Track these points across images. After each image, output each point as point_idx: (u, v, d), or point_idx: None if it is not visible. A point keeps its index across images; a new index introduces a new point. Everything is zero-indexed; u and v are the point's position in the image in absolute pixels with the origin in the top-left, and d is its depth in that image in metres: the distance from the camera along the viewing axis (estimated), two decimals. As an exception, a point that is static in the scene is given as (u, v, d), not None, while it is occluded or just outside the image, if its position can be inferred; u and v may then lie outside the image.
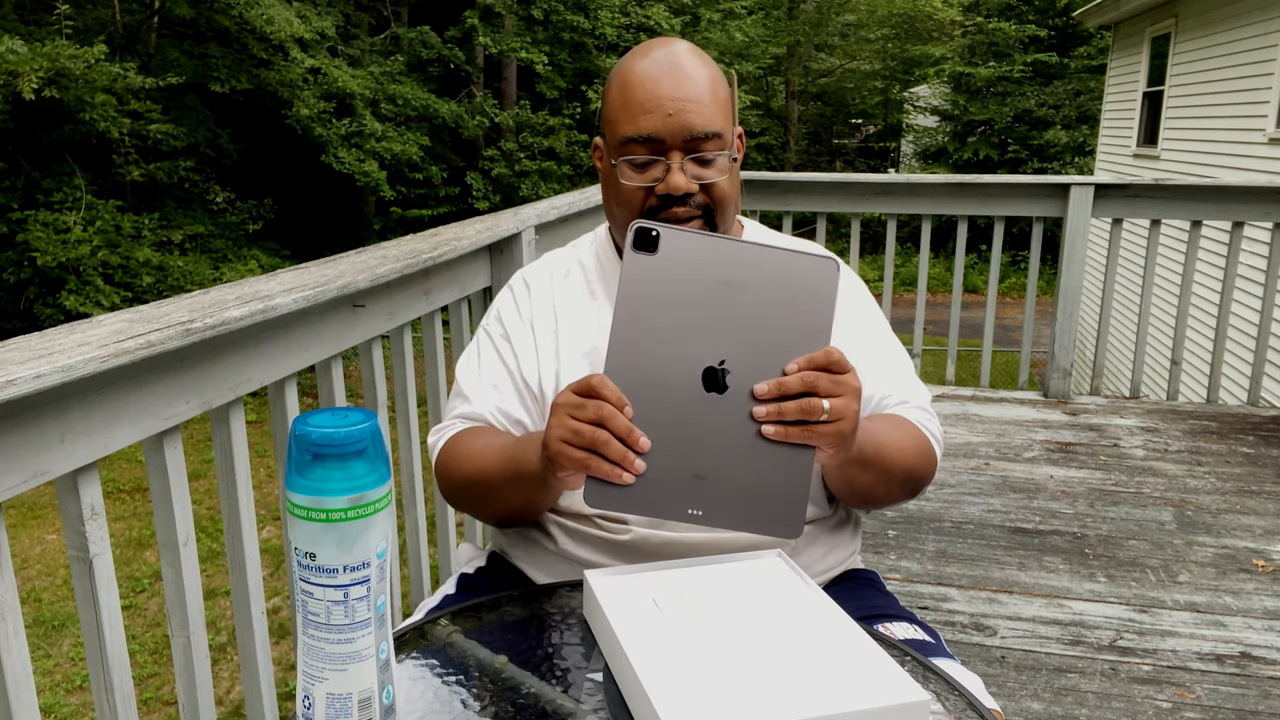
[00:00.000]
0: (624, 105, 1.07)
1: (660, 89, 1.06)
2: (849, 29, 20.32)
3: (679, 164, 1.06)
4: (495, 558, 1.25)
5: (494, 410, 1.16)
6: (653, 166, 1.07)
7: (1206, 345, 6.28)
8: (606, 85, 1.12)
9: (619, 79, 1.09)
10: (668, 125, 1.05)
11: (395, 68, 13.57)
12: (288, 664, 4.42)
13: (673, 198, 1.06)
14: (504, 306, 1.23)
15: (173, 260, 10.73)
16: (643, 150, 1.06)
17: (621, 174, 1.08)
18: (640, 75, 1.07)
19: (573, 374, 1.13)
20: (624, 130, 1.07)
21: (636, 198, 1.08)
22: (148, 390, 1.15)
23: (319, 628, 0.68)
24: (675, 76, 1.06)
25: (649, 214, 1.08)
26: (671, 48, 1.09)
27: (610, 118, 1.10)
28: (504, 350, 1.19)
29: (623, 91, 1.08)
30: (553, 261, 1.26)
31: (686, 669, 0.78)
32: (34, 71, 8.66)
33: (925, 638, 1.14)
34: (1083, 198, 3.76)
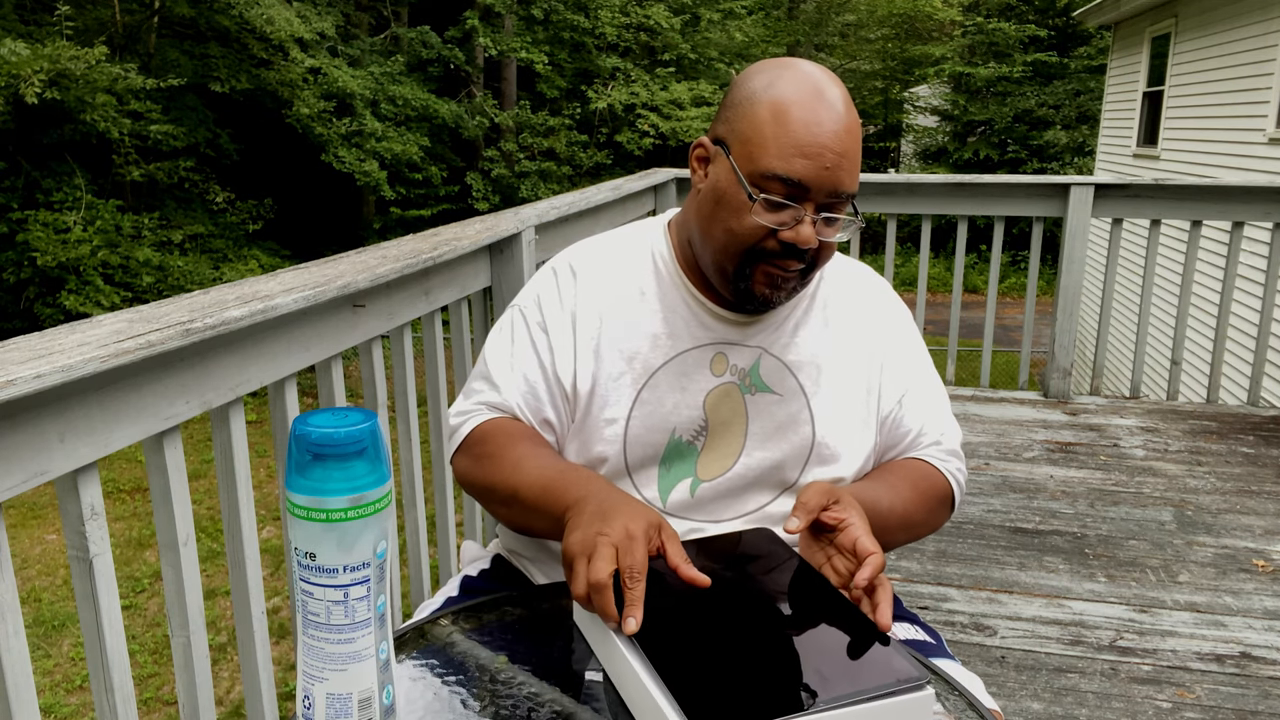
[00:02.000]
0: (778, 137, 0.99)
1: (823, 135, 0.99)
2: (849, 29, 20.32)
3: (812, 217, 1.00)
4: (500, 560, 1.24)
5: (522, 405, 1.12)
6: (784, 209, 1.00)
7: (1206, 345, 6.27)
8: (746, 97, 1.03)
9: (775, 102, 1.00)
10: (820, 177, 0.99)
11: (395, 68, 13.57)
12: (288, 664, 4.42)
13: (795, 249, 1.01)
14: (546, 292, 1.16)
15: (173, 260, 10.73)
16: (783, 192, 0.99)
17: (754, 208, 1.00)
18: (805, 111, 0.99)
19: (610, 377, 1.10)
20: (771, 164, 0.99)
21: (756, 235, 1.01)
22: (148, 390, 1.15)
23: (319, 628, 0.68)
24: (840, 125, 1.00)
25: (761, 255, 1.02)
26: (832, 88, 1.02)
27: (753, 140, 1.00)
28: (540, 342, 1.13)
29: (780, 120, 0.99)
30: (605, 251, 1.18)
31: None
32: (35, 74, 8.66)
33: (926, 638, 1.14)
34: (1083, 198, 3.76)
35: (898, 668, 0.78)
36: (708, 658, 0.79)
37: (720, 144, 1.05)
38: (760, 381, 1.12)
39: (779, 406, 1.12)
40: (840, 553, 0.93)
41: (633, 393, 1.10)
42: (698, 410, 1.11)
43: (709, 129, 1.10)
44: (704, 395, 1.11)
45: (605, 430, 1.10)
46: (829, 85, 1.02)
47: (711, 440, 1.11)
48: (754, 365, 1.12)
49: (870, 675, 0.76)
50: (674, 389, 1.10)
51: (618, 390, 1.10)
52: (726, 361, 1.12)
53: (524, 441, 1.09)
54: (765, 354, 1.12)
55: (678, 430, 1.10)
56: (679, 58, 16.59)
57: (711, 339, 1.12)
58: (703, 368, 1.11)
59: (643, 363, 1.11)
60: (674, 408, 1.10)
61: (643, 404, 1.10)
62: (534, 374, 1.12)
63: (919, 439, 1.16)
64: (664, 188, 3.93)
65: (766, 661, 0.79)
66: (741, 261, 1.03)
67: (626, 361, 1.11)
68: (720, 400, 1.11)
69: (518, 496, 1.05)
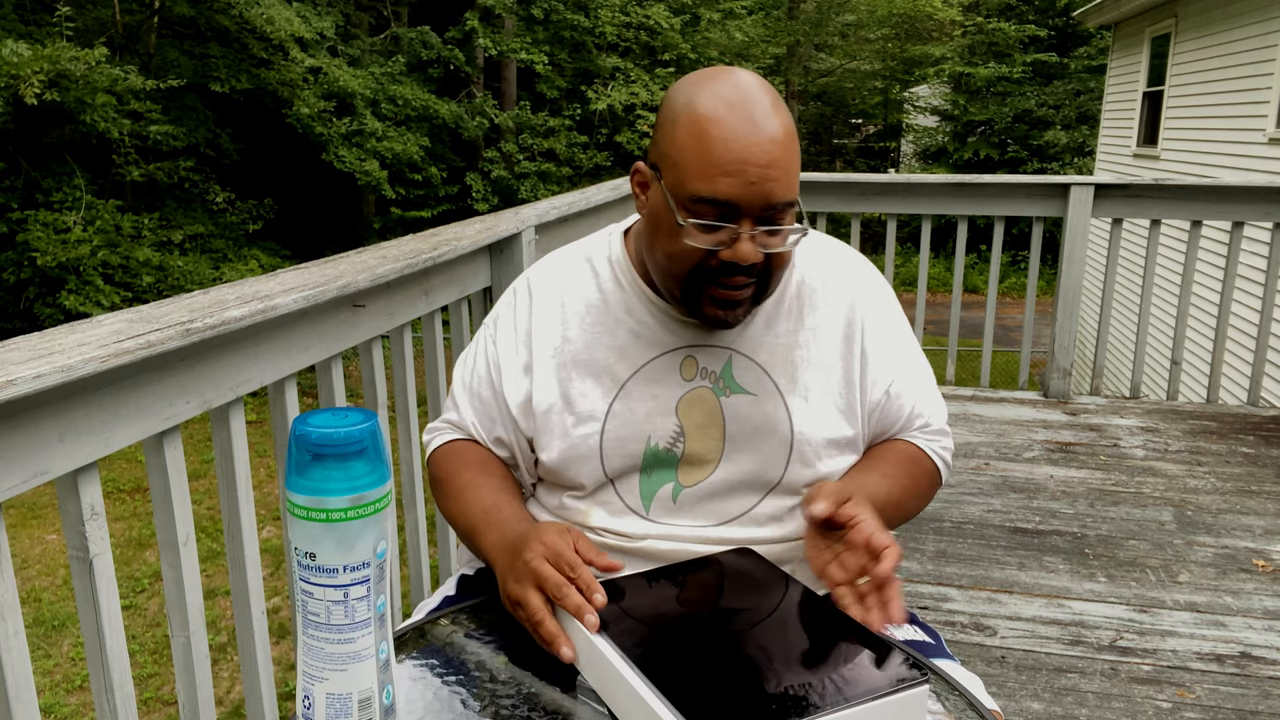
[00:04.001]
0: (699, 159, 0.95)
1: (745, 150, 0.94)
2: (849, 29, 20.31)
3: (749, 233, 0.97)
4: None
5: (475, 425, 1.17)
6: (719, 230, 0.97)
7: (1206, 345, 6.28)
8: (670, 118, 1.00)
9: (693, 122, 0.96)
10: (748, 193, 0.95)
11: (395, 68, 13.57)
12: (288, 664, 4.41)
13: (737, 267, 0.98)
14: (504, 313, 1.18)
15: (173, 260, 10.72)
16: (713, 213, 0.96)
17: (686, 233, 0.98)
18: (722, 128, 0.95)
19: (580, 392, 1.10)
20: (696, 187, 0.96)
21: (694, 258, 0.99)
22: (148, 390, 1.15)
23: (319, 628, 0.69)
24: (761, 136, 0.95)
25: (705, 276, 1.00)
26: (753, 94, 0.97)
27: (678, 163, 0.97)
28: (492, 362, 1.16)
29: (699, 141, 0.96)
30: (563, 267, 1.17)
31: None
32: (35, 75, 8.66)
33: (925, 639, 1.14)
34: (1083, 198, 3.76)
35: (893, 669, 0.78)
36: (703, 671, 0.79)
37: (654, 167, 1.02)
38: (734, 383, 1.10)
39: (755, 407, 1.10)
40: (850, 549, 0.93)
41: (605, 404, 1.09)
42: (670, 417, 1.09)
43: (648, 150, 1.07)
44: (675, 401, 1.09)
45: (581, 445, 1.09)
46: (753, 93, 0.97)
47: (690, 446, 1.10)
48: (725, 366, 1.10)
49: (867, 678, 0.77)
50: (645, 398, 1.09)
51: (588, 403, 1.09)
52: (696, 365, 1.10)
53: (467, 469, 1.14)
54: (736, 354, 1.10)
55: (653, 438, 1.09)
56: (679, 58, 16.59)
57: (678, 343, 1.10)
58: (672, 373, 1.10)
59: (611, 375, 1.10)
60: (647, 416, 1.09)
61: (615, 415, 1.09)
62: (486, 392, 1.15)
63: (910, 421, 1.17)
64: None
65: (763, 671, 0.79)
66: (687, 284, 1.01)
67: (595, 376, 1.10)
68: (693, 405, 1.10)
69: (457, 525, 1.12)
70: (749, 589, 0.92)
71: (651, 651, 0.79)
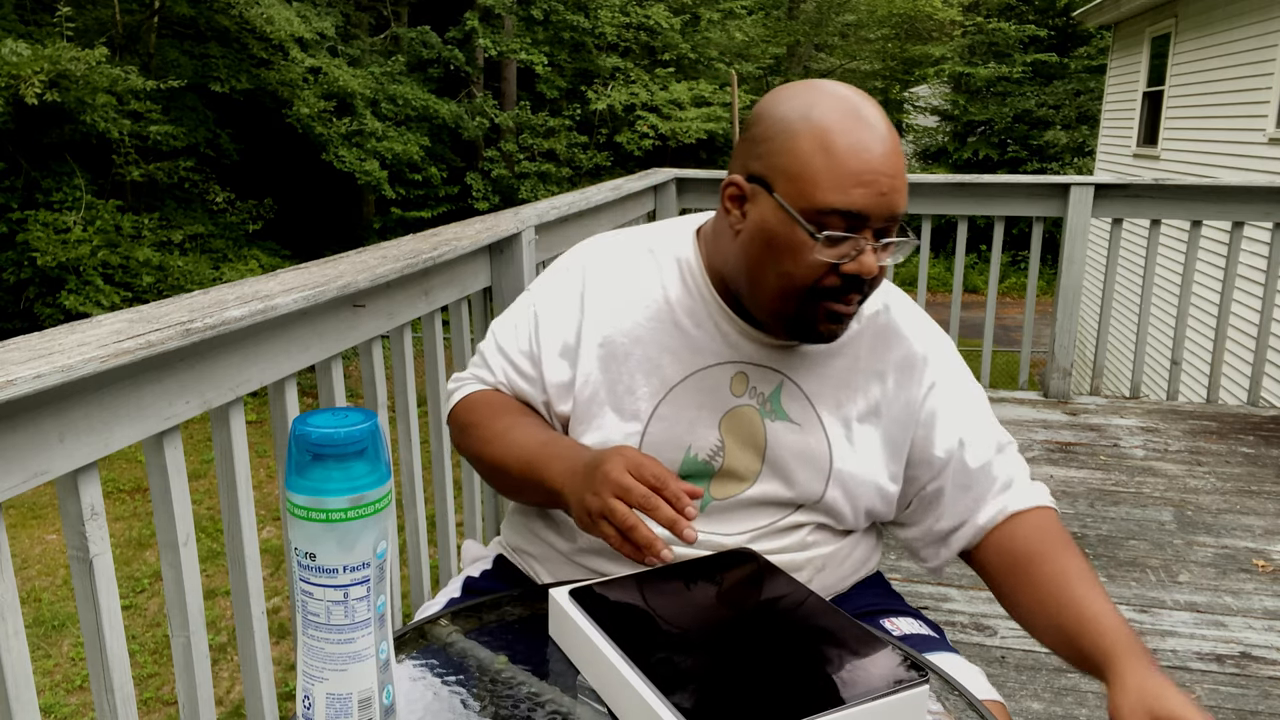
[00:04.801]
0: (831, 170, 0.93)
1: (875, 160, 0.94)
2: (849, 29, 20.31)
3: (872, 245, 0.96)
4: (502, 560, 1.24)
5: (505, 386, 1.15)
6: (843, 242, 0.95)
7: (1206, 345, 6.27)
8: (783, 130, 0.97)
9: (818, 134, 0.95)
10: (878, 204, 0.94)
11: (395, 68, 13.58)
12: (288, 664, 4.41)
13: (858, 280, 0.97)
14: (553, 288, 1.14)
15: (173, 260, 10.73)
16: (842, 225, 0.94)
17: (815, 247, 0.95)
18: (851, 139, 0.94)
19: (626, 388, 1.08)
20: (829, 199, 0.93)
21: (817, 274, 0.96)
22: (148, 390, 1.15)
23: (319, 628, 0.68)
24: (887, 146, 0.95)
25: (822, 293, 0.97)
26: (867, 106, 0.97)
27: (802, 175, 0.95)
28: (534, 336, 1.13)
29: (828, 152, 0.94)
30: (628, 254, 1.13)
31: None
32: (36, 75, 8.66)
33: (929, 633, 1.14)
34: (1083, 198, 3.76)
35: (893, 669, 0.78)
36: (703, 671, 0.79)
37: (758, 181, 0.99)
38: (780, 409, 1.08)
39: (797, 436, 1.08)
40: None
41: (650, 406, 1.07)
42: (714, 430, 1.08)
43: (735, 165, 1.03)
44: (721, 415, 1.08)
45: (619, 441, 1.07)
46: (866, 105, 0.97)
47: (728, 461, 1.08)
48: (775, 391, 1.08)
49: (867, 678, 0.77)
50: (691, 405, 1.07)
51: (633, 400, 1.08)
52: (747, 382, 1.08)
53: (509, 413, 1.12)
54: (787, 380, 1.09)
55: (693, 448, 1.08)
56: (679, 58, 16.60)
57: (734, 357, 1.08)
58: (722, 386, 1.08)
59: (661, 376, 1.08)
60: (690, 426, 1.07)
61: (660, 419, 1.07)
62: (524, 364, 1.14)
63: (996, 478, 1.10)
64: (664, 188, 3.93)
65: (762, 672, 0.79)
66: (802, 302, 0.98)
67: (644, 374, 1.08)
68: (738, 422, 1.08)
69: (504, 467, 1.09)
70: (749, 589, 0.92)
71: (651, 651, 0.79)
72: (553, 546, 1.15)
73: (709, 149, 16.76)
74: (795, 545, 1.09)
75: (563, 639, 0.89)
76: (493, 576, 1.21)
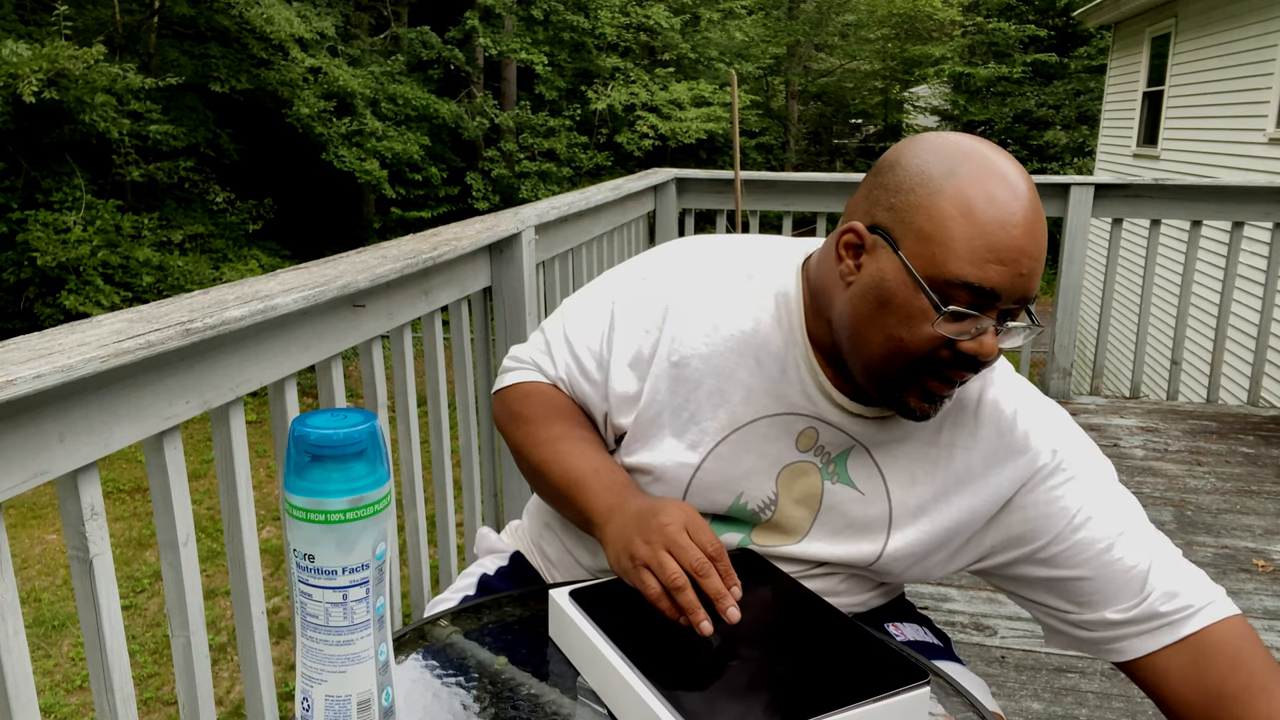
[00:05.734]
0: (971, 238, 0.85)
1: (1021, 238, 0.85)
2: (849, 29, 20.32)
3: (996, 326, 0.88)
4: (519, 559, 1.22)
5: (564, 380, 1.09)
6: (966, 319, 0.87)
7: (1206, 345, 6.28)
8: (921, 184, 0.88)
9: (964, 197, 0.86)
10: (1013, 285, 0.86)
11: (395, 68, 13.58)
12: (288, 664, 4.42)
13: (974, 361, 0.88)
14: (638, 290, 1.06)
15: (173, 260, 10.73)
16: (968, 300, 0.86)
17: (936, 319, 0.87)
18: (998, 208, 0.85)
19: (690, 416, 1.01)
20: (962, 271, 0.85)
21: (930, 346, 0.88)
22: (148, 390, 1.15)
23: (318, 629, 0.68)
24: (1033, 225, 0.86)
25: (930, 367, 0.89)
26: (1019, 177, 0.88)
27: (937, 238, 0.86)
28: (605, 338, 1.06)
29: (970, 217, 0.85)
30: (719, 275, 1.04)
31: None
32: (34, 74, 8.66)
33: (933, 640, 1.13)
34: (1083, 198, 3.76)
35: (894, 669, 0.78)
36: (701, 671, 0.79)
37: (882, 233, 0.90)
38: (845, 474, 1.01)
39: (857, 505, 1.01)
40: None
41: (712, 441, 1.01)
42: (770, 481, 1.01)
43: (856, 209, 0.94)
44: (780, 468, 1.01)
45: (670, 471, 1.02)
46: (1015, 173, 0.88)
47: (778, 517, 1.02)
48: (843, 454, 1.01)
49: (867, 679, 0.77)
50: (752, 451, 1.01)
51: (696, 432, 1.01)
52: (815, 439, 1.01)
53: (564, 419, 1.06)
54: (858, 446, 1.01)
55: (745, 495, 1.02)
56: (679, 58, 16.60)
57: (809, 410, 1.00)
58: (789, 438, 1.01)
59: (730, 412, 1.01)
60: (746, 473, 1.01)
61: (718, 456, 1.01)
62: (590, 365, 1.06)
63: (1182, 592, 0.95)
64: (664, 188, 3.93)
65: (763, 672, 0.79)
66: (906, 372, 0.91)
67: (713, 405, 1.01)
68: (796, 478, 1.01)
69: (547, 475, 1.03)
70: (750, 590, 0.92)
71: (651, 652, 0.79)
72: (573, 557, 1.13)
73: (709, 149, 16.76)
74: (823, 591, 1.05)
75: (562, 640, 0.89)
76: (509, 576, 1.20)
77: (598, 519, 0.95)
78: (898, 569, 1.03)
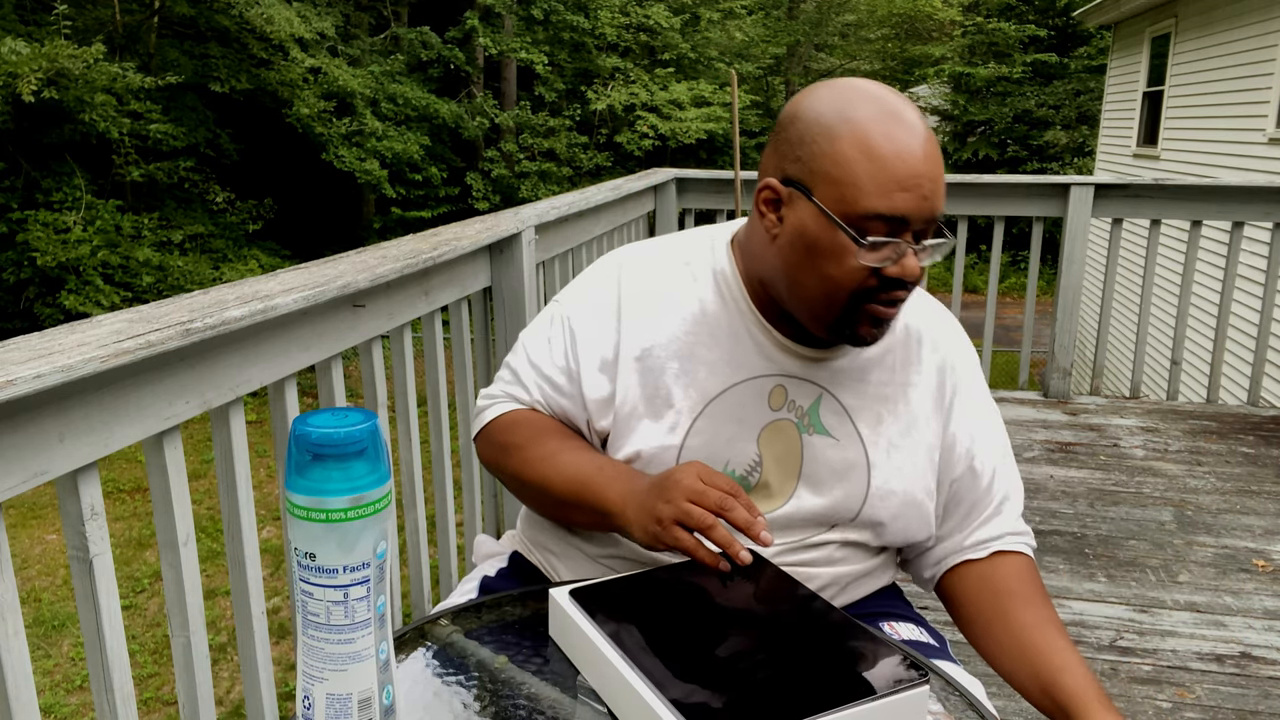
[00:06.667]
0: (874, 175, 0.92)
1: (918, 164, 0.93)
2: (849, 29, 20.32)
3: (914, 248, 0.95)
4: (517, 558, 1.23)
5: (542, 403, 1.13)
6: (886, 246, 0.94)
7: (1206, 345, 6.27)
8: (821, 133, 0.95)
9: (860, 138, 0.93)
10: (920, 208, 0.93)
11: (395, 67, 13.58)
12: (288, 664, 4.42)
13: (901, 283, 0.96)
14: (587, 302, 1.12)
15: (173, 260, 10.73)
16: (884, 229, 0.93)
17: (860, 252, 0.94)
18: (894, 143, 0.93)
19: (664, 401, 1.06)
20: (873, 204, 0.92)
21: (859, 278, 0.95)
22: (148, 390, 1.15)
23: (319, 628, 0.68)
24: (927, 149, 0.94)
25: (864, 296, 0.96)
26: (906, 107, 0.96)
27: (843, 180, 0.93)
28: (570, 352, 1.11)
29: (870, 156, 0.92)
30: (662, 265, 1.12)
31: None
32: (33, 73, 8.66)
33: (929, 640, 1.14)
34: (1083, 198, 3.76)
35: (893, 669, 0.78)
36: (701, 670, 0.79)
37: (795, 185, 0.97)
38: (819, 423, 1.07)
39: (835, 451, 1.07)
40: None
41: (689, 419, 1.06)
42: (752, 445, 1.06)
43: (768, 166, 1.01)
44: (759, 430, 1.07)
45: (657, 455, 1.06)
46: (904, 104, 0.96)
47: (764, 477, 1.07)
48: (814, 405, 1.07)
49: (867, 678, 0.77)
50: (730, 420, 1.06)
51: (672, 414, 1.06)
52: (786, 395, 1.07)
53: (554, 436, 1.10)
54: (826, 394, 1.07)
55: (731, 463, 1.06)
56: (679, 58, 16.60)
57: (772, 370, 1.07)
58: (761, 400, 1.06)
59: (700, 389, 1.06)
60: (728, 441, 1.06)
61: (698, 433, 1.06)
62: (561, 380, 1.11)
63: (988, 495, 1.11)
64: (664, 188, 3.93)
65: (763, 671, 0.79)
66: (845, 306, 0.97)
67: (683, 387, 1.06)
68: (775, 436, 1.07)
69: (551, 490, 1.07)
70: (750, 589, 0.92)
71: (651, 652, 0.79)
72: (578, 548, 1.14)
73: (709, 149, 16.76)
74: (821, 560, 1.08)
75: (563, 639, 0.89)
76: (509, 575, 1.20)
77: (614, 509, 0.99)
78: (886, 515, 1.08)
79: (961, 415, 1.11)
